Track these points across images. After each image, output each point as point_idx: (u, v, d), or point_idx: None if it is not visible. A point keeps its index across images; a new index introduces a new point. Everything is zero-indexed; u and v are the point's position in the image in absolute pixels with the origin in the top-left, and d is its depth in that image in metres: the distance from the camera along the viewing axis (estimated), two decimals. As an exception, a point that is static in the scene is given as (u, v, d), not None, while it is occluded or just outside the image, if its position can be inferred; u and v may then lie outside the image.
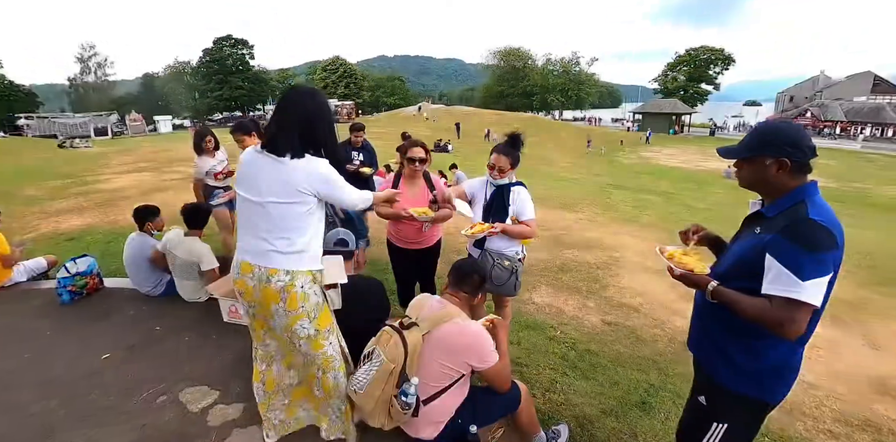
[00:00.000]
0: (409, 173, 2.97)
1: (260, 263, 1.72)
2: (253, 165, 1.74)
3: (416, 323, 1.76)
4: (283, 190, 1.68)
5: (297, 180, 1.67)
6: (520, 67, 65.65)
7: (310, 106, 1.72)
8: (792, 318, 1.26)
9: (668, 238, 7.62)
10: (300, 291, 1.73)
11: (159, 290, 3.63)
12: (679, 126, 48.45)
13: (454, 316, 1.77)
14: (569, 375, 2.90)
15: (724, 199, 17.08)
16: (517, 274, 2.62)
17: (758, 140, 1.42)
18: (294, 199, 1.69)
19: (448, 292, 1.95)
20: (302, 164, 1.68)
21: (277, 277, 1.70)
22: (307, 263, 1.76)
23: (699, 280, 1.46)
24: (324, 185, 1.71)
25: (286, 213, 1.69)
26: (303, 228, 1.73)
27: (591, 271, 5.15)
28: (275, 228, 1.69)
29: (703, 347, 1.63)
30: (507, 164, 2.58)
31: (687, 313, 4.18)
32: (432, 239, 3.10)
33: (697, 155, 32.94)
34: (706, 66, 60.35)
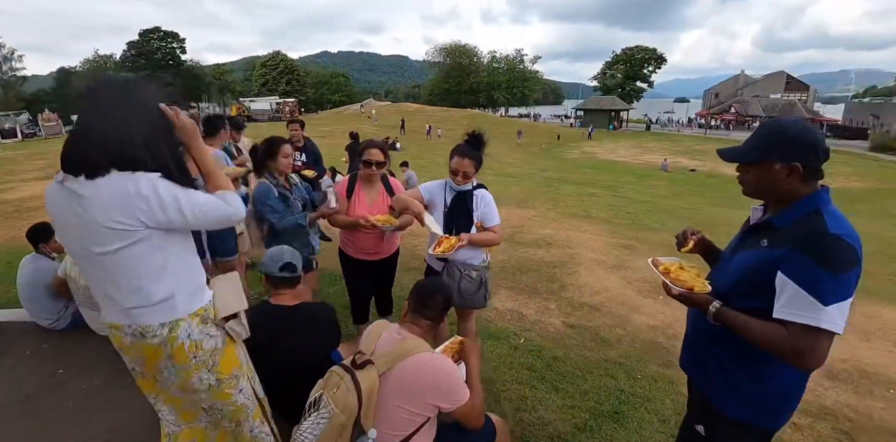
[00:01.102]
0: (366, 177, 2.67)
1: (125, 321, 1.36)
2: (54, 204, 1.31)
3: (370, 360, 1.47)
4: (93, 233, 1.25)
5: (101, 213, 1.23)
6: (465, 64, 65.95)
7: (119, 102, 1.29)
8: (812, 347, 1.10)
9: (615, 230, 7.77)
10: (187, 342, 1.37)
11: (63, 322, 3.07)
12: (618, 122, 50.62)
13: (416, 349, 1.50)
14: (538, 388, 2.73)
15: (663, 191, 17.97)
16: (486, 284, 2.40)
17: (766, 142, 1.24)
18: (115, 243, 1.26)
19: (408, 320, 1.67)
20: (104, 188, 1.23)
21: (153, 333, 1.35)
22: (184, 305, 1.39)
23: (700, 301, 1.29)
24: (149, 207, 1.25)
25: (120, 263, 1.29)
26: (156, 272, 1.33)
27: (549, 270, 5.06)
28: (118, 284, 1.32)
29: (700, 370, 1.46)
30: (472, 168, 2.31)
31: (646, 309, 4.22)
32: (391, 248, 2.82)
33: (636, 149, 34.55)
34: (641, 65, 63.60)
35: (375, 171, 2.60)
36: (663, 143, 38.28)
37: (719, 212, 12.25)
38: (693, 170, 24.92)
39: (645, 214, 10.34)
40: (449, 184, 2.41)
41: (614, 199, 13.07)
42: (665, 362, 3.24)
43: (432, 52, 69.01)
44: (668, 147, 35.24)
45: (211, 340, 1.43)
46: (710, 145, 36.24)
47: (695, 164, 26.73)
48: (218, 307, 1.46)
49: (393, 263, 2.91)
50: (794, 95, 56.75)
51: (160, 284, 1.34)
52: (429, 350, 1.53)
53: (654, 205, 12.73)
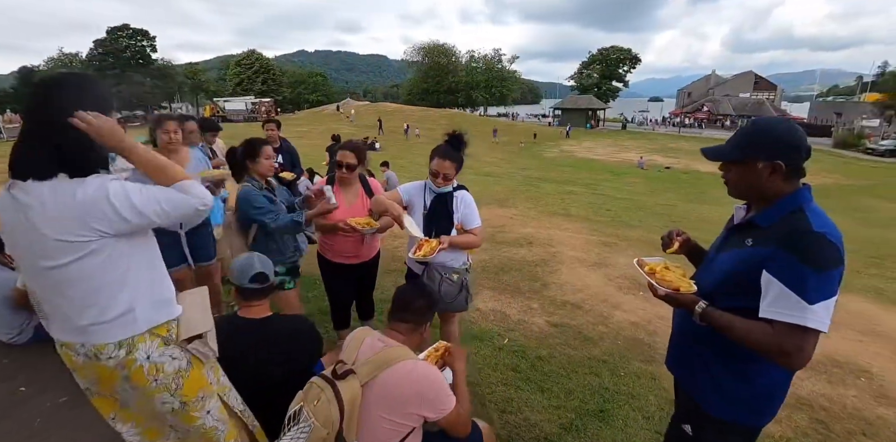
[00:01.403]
0: (341, 179, 2.59)
1: (78, 339, 1.24)
2: (4, 213, 1.21)
3: (352, 370, 1.40)
4: (40, 246, 1.16)
5: (48, 224, 1.14)
6: (444, 64, 65.91)
7: (73, 99, 1.19)
8: (800, 346, 1.10)
9: (594, 228, 7.86)
10: (147, 365, 1.26)
11: (25, 336, 2.89)
12: (595, 121, 51.38)
13: (399, 357, 1.44)
14: (523, 388, 2.71)
15: (640, 188, 18.30)
16: (467, 287, 2.35)
17: (749, 140, 1.24)
18: (65, 256, 1.16)
19: (389, 327, 1.61)
20: (50, 196, 1.14)
21: (107, 353, 1.23)
22: (146, 318, 1.27)
23: (686, 301, 1.28)
24: (104, 214, 1.15)
25: (72, 277, 1.19)
26: (113, 285, 1.23)
27: (531, 269, 5.07)
28: (70, 299, 1.21)
29: (686, 370, 1.46)
30: (453, 170, 2.25)
31: (627, 306, 4.26)
32: (372, 251, 2.75)
33: (613, 147, 35.15)
34: (616, 65, 64.69)
35: (346, 174, 2.53)
36: (639, 141, 39.05)
37: (694, 208, 12.53)
38: (668, 167, 25.48)
39: (623, 212, 10.50)
40: (429, 185, 2.35)
41: (593, 197, 13.24)
42: (647, 359, 3.26)
43: (410, 52, 68.78)
44: (643, 145, 35.97)
45: (174, 362, 1.32)
46: (683, 143, 37.15)
47: (669, 162, 27.34)
48: (183, 325, 1.36)
49: (374, 266, 2.84)
50: (762, 94, 58.69)
51: (118, 297, 1.24)
52: (413, 358, 1.48)
53: (632, 202, 12.94)
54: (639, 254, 5.69)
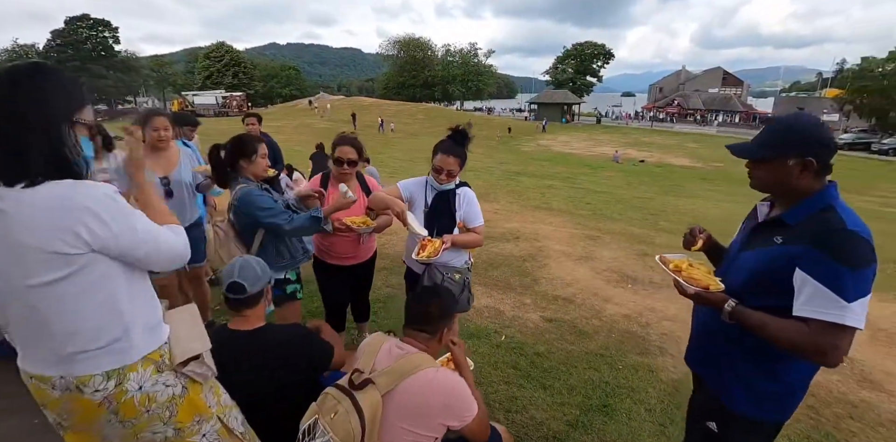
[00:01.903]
0: (339, 177, 2.45)
1: (57, 371, 1.08)
2: None
3: (370, 380, 1.32)
4: (20, 260, 1.01)
5: (32, 233, 0.99)
6: (420, 58, 65.40)
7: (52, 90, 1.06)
8: (836, 345, 1.08)
9: (577, 221, 7.92)
10: (138, 395, 1.13)
11: None
12: (570, 115, 51.95)
13: (421, 365, 1.37)
14: (525, 386, 2.67)
15: (617, 181, 18.57)
16: (469, 286, 2.28)
17: (779, 137, 1.21)
18: (52, 271, 1.02)
19: (406, 334, 1.53)
20: (34, 199, 1.00)
21: (93, 387, 1.08)
22: (140, 346, 1.14)
23: (715, 299, 1.24)
24: (97, 224, 1.03)
25: (57, 298, 1.04)
26: (105, 306, 1.09)
27: (520, 264, 5.05)
28: (52, 324, 1.06)
29: (711, 368, 1.43)
30: (457, 166, 2.16)
31: (617, 299, 4.28)
32: (369, 252, 2.65)
33: (588, 141, 35.62)
34: (590, 60, 65.49)
35: (348, 170, 2.41)
36: (613, 135, 39.71)
37: (670, 201, 12.79)
38: (642, 161, 25.97)
39: (604, 205, 10.62)
40: (430, 182, 2.27)
41: (572, 191, 13.36)
42: (642, 351, 3.28)
43: (386, 45, 67.98)
44: (617, 139, 36.58)
45: (167, 389, 1.19)
46: (656, 137, 38.00)
47: (643, 156, 27.89)
48: (174, 350, 1.22)
49: (370, 267, 2.75)
50: (730, 90, 60.43)
51: (111, 320, 1.10)
52: (434, 365, 1.40)
53: (611, 195, 13.11)
54: (623, 247, 5.73)
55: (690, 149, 31.92)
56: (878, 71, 34.98)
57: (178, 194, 2.76)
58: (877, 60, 36.65)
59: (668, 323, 3.82)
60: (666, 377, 2.97)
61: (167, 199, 2.71)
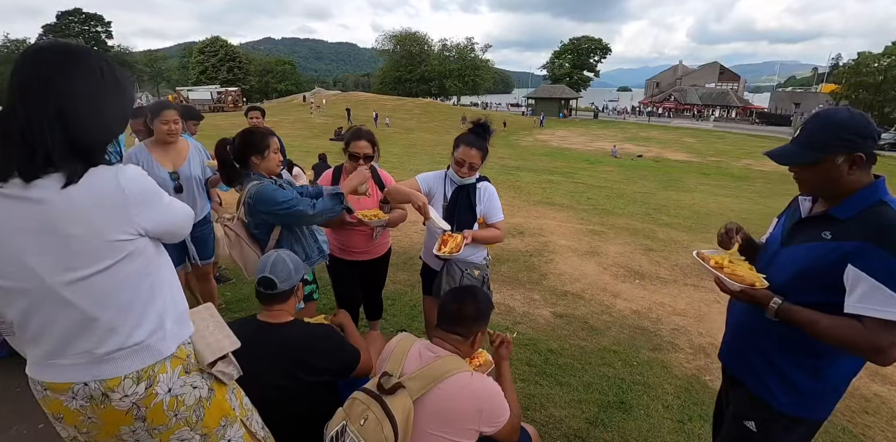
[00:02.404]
0: (352, 171, 2.38)
1: (81, 378, 1.01)
2: None
3: (401, 384, 1.27)
4: (65, 250, 0.94)
5: (78, 221, 0.94)
6: (416, 52, 64.96)
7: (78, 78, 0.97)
8: (893, 342, 1.05)
9: (580, 216, 7.90)
10: (167, 399, 1.08)
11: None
12: (567, 110, 51.86)
13: (453, 369, 1.32)
14: (541, 384, 2.65)
15: (616, 176, 18.55)
16: (488, 283, 2.24)
17: (820, 137, 1.17)
18: (101, 260, 0.97)
19: (437, 336, 1.48)
20: (78, 188, 0.93)
21: (122, 392, 1.02)
22: (175, 336, 1.10)
23: (761, 296, 1.21)
24: (145, 208, 1.02)
25: (106, 287, 0.99)
26: (146, 293, 1.05)
27: (527, 260, 5.02)
28: (94, 320, 0.99)
29: (749, 366, 1.38)
30: (479, 159, 2.11)
31: (626, 294, 4.26)
32: (384, 246, 2.59)
33: (585, 136, 35.56)
34: (588, 55, 65.29)
35: (364, 165, 2.35)
36: (611, 130, 39.67)
37: (670, 195, 12.79)
38: (640, 156, 25.97)
39: (605, 200, 10.59)
40: (449, 176, 2.22)
41: (573, 186, 13.32)
42: (655, 347, 3.26)
43: (382, 40, 67.43)
44: (615, 134, 36.56)
45: (195, 391, 1.14)
46: (653, 132, 37.97)
47: (641, 150, 27.89)
48: (202, 350, 1.17)
49: (384, 263, 2.69)
50: (726, 85, 60.44)
51: (151, 310, 1.05)
52: (467, 369, 1.36)
53: (611, 190, 13.09)
54: (627, 242, 5.71)
55: (687, 144, 31.94)
56: (874, 66, 35.08)
57: (189, 189, 2.70)
58: (873, 55, 36.74)
59: (677, 318, 3.81)
60: (680, 373, 2.96)
61: (177, 195, 2.65)
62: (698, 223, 8.12)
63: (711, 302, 4.21)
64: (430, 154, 20.34)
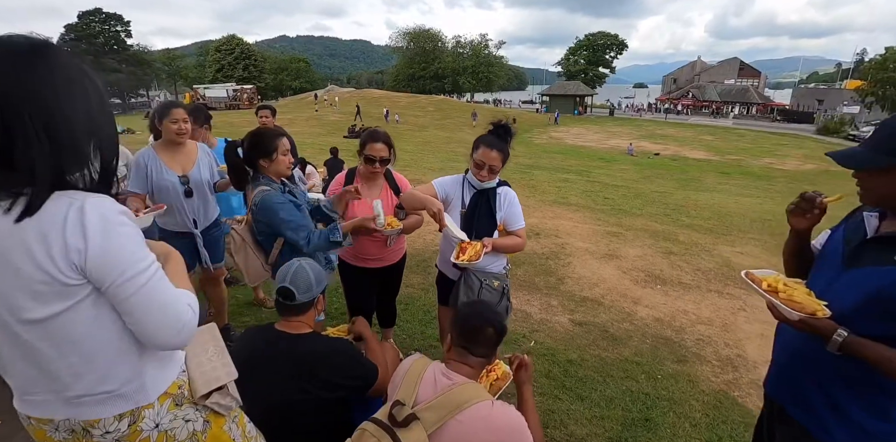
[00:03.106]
0: (367, 174, 2.28)
1: (61, 416, 0.93)
2: None
3: (415, 415, 1.17)
4: (14, 291, 0.83)
5: (27, 257, 0.81)
6: (430, 49, 64.73)
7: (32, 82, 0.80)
8: None
9: (597, 217, 7.70)
10: (155, 435, 1.00)
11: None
12: (582, 107, 51.19)
13: (472, 398, 1.20)
14: (561, 398, 2.52)
15: (632, 175, 18.22)
16: (508, 294, 2.12)
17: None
18: (51, 304, 0.84)
19: (454, 359, 1.36)
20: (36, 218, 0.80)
21: (102, 429, 0.94)
22: (156, 384, 1.00)
23: (823, 327, 1.06)
24: (86, 248, 0.82)
25: (58, 335, 0.87)
26: (112, 343, 0.92)
27: (543, 263, 4.88)
28: (53, 364, 0.89)
29: (804, 400, 1.23)
30: (500, 162, 1.99)
31: (647, 300, 4.09)
32: (399, 253, 2.49)
33: (601, 134, 35.06)
34: (603, 51, 64.30)
35: (379, 169, 2.25)
36: (626, 127, 39.05)
37: (689, 195, 12.48)
38: (657, 153, 25.50)
39: (622, 199, 10.36)
40: (468, 180, 2.10)
41: (588, 185, 13.08)
42: (680, 358, 3.11)
43: (396, 37, 67.30)
44: (631, 131, 35.97)
45: (188, 424, 1.05)
46: (670, 129, 37.26)
47: (658, 148, 27.39)
48: (196, 381, 1.06)
49: (398, 270, 2.59)
50: (746, 81, 59.03)
51: (123, 361, 0.94)
52: (487, 398, 1.24)
53: (628, 189, 12.82)
54: (647, 244, 5.51)
55: (706, 141, 31.26)
56: (903, 61, 33.88)
57: (200, 194, 2.62)
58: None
59: (702, 327, 3.64)
60: (707, 388, 2.80)
61: (188, 199, 2.58)
62: (720, 224, 7.87)
63: (737, 310, 4.03)
64: (443, 151, 20.22)
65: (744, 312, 4.01)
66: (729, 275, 4.89)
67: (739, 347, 3.37)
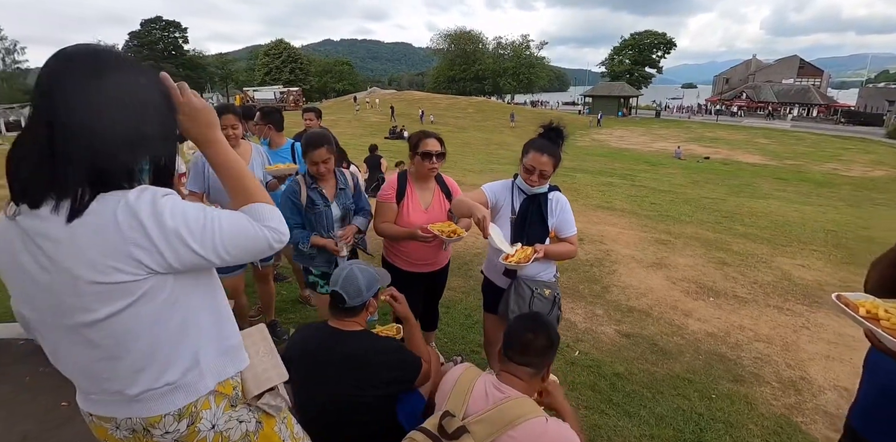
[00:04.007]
0: (422, 175, 2.27)
1: (122, 414, 0.95)
2: (6, 250, 0.88)
3: (466, 428, 1.14)
4: (71, 295, 0.85)
5: (82, 262, 0.82)
6: (471, 51, 64.77)
7: (98, 82, 0.83)
8: None
9: (643, 223, 7.42)
10: (211, 435, 1.01)
11: None
12: (627, 108, 49.69)
13: (526, 414, 1.17)
14: (608, 414, 2.42)
15: (680, 179, 17.49)
16: (559, 303, 2.06)
17: None
18: (108, 304, 0.85)
19: (504, 370, 1.33)
20: (83, 220, 0.82)
21: (163, 429, 0.96)
22: (214, 372, 1.00)
23: None
24: (150, 243, 0.84)
25: (118, 334, 0.89)
26: (172, 338, 0.94)
27: (587, 270, 4.74)
28: (116, 363, 0.91)
29: None
30: (551, 166, 1.94)
31: (699, 314, 3.88)
32: (447, 256, 2.50)
33: (646, 136, 33.90)
34: (650, 50, 62.18)
35: (437, 164, 2.23)
36: (673, 130, 37.57)
37: (743, 202, 11.81)
38: (707, 157, 24.36)
39: (669, 205, 9.95)
40: (517, 185, 2.05)
41: (634, 189, 12.66)
42: (736, 378, 2.93)
43: (436, 39, 67.80)
44: (678, 134, 34.58)
45: (241, 426, 1.07)
46: (721, 132, 35.53)
47: (708, 152, 26.17)
48: (248, 382, 1.07)
49: (445, 273, 2.59)
50: (807, 81, 55.46)
51: (179, 351, 0.95)
52: (541, 415, 1.20)
53: (675, 194, 12.30)
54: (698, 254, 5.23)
55: (761, 145, 29.61)
56: None
57: None
58: None
59: (761, 345, 3.42)
60: (767, 411, 2.62)
61: None
62: (778, 234, 7.40)
63: (799, 328, 3.76)
64: (483, 153, 20.17)
65: (807, 330, 3.73)
66: (789, 289, 4.58)
67: (803, 369, 3.13)
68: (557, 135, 1.97)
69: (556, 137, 1.97)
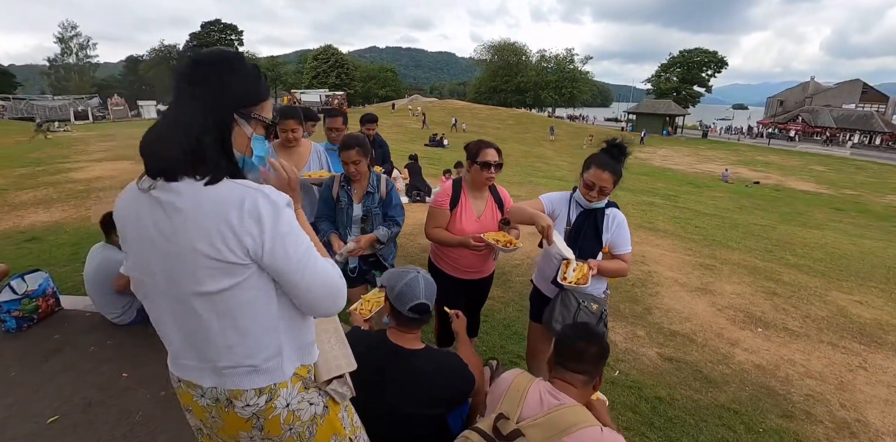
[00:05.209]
0: (478, 184, 2.29)
1: (209, 383, 1.04)
2: (131, 219, 0.99)
3: (520, 431, 1.16)
4: (189, 265, 0.94)
5: (203, 236, 0.92)
6: (514, 63, 64.94)
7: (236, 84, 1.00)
8: None
9: (687, 246, 7.20)
10: (284, 413, 1.08)
11: (128, 317, 2.89)
12: (672, 127, 48.43)
13: (581, 422, 1.18)
14: (649, 437, 2.36)
15: (726, 203, 16.91)
16: (605, 319, 2.05)
17: None
18: (222, 280, 0.95)
19: (558, 377, 1.35)
20: (209, 197, 0.93)
21: (244, 401, 1.04)
22: (291, 366, 1.09)
23: None
24: (260, 234, 0.94)
25: (222, 309, 0.98)
26: (267, 323, 1.03)
27: (629, 290, 4.64)
28: (211, 335, 1.00)
29: None
30: (611, 183, 1.95)
31: (746, 343, 3.72)
32: (492, 266, 2.53)
33: (691, 157, 32.91)
34: (699, 68, 60.56)
35: (494, 174, 2.26)
36: (721, 151, 36.34)
37: (795, 231, 11.25)
38: (757, 182, 23.36)
39: (715, 229, 9.60)
40: (576, 198, 2.06)
41: (677, 211, 12.29)
42: (785, 414, 2.79)
43: (480, 50, 68.47)
44: (726, 156, 33.42)
45: (311, 408, 1.14)
46: (773, 156, 34.10)
47: (758, 176, 25.13)
48: (320, 367, 1.16)
49: (490, 281, 2.62)
50: (870, 106, 52.48)
51: (268, 339, 1.04)
52: (596, 424, 1.21)
53: (722, 219, 11.86)
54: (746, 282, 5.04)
55: (816, 172, 28.19)
56: None
57: (308, 193, 2.81)
58: None
59: (812, 382, 3.25)
60: (820, 451, 2.49)
61: None
62: (833, 267, 7.02)
63: (856, 368, 3.54)
64: (522, 165, 20.10)
65: (864, 370, 3.52)
66: (845, 326, 4.33)
67: (858, 411, 2.95)
68: (620, 152, 1.97)
69: (618, 154, 1.98)
